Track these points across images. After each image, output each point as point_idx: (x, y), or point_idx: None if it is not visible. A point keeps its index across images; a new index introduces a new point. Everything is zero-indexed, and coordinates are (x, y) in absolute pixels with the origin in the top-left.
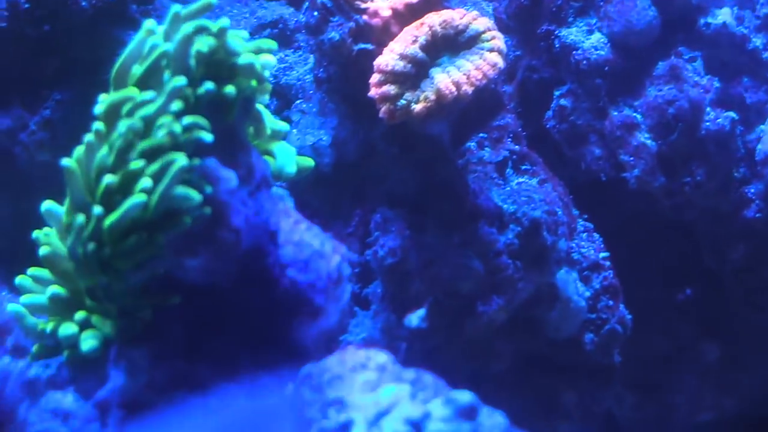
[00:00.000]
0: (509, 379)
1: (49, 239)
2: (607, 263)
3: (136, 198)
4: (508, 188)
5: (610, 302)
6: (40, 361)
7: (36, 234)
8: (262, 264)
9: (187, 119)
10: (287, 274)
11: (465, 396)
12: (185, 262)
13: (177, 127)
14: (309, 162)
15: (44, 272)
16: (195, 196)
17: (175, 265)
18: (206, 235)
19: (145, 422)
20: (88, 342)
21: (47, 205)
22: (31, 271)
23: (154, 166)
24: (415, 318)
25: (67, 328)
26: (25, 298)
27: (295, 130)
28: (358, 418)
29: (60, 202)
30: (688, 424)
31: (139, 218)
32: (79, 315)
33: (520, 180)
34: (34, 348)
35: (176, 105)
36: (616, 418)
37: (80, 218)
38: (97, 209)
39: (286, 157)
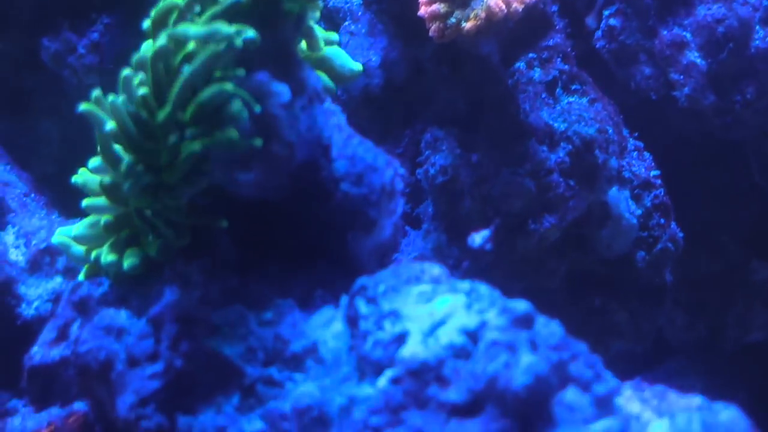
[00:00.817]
0: (561, 297)
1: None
2: (658, 182)
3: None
4: (559, 107)
5: (662, 220)
6: (92, 279)
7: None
8: (315, 178)
9: (235, 26)
10: (340, 188)
11: (521, 305)
12: (238, 176)
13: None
14: (358, 66)
15: (99, 200)
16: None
17: (228, 180)
18: (259, 149)
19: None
20: (131, 260)
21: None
22: (86, 201)
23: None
24: (478, 238)
25: (109, 257)
26: (74, 229)
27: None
28: (413, 329)
29: None
30: (738, 344)
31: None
32: (125, 233)
33: (570, 99)
34: (85, 267)
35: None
36: (667, 338)
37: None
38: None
39: (344, 58)
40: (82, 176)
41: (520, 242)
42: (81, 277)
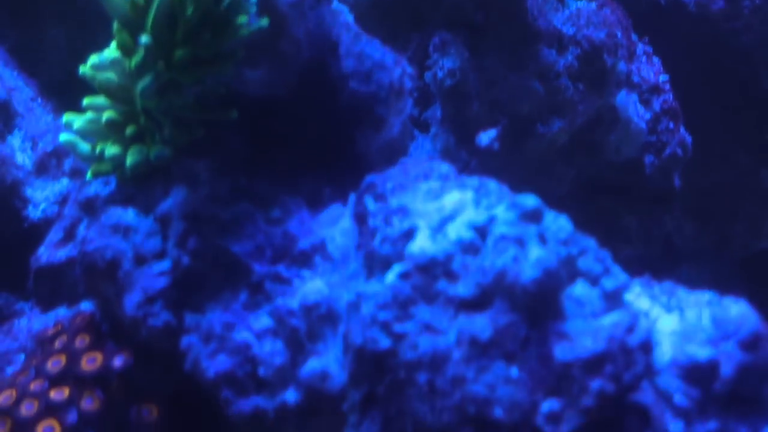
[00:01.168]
0: (570, 201)
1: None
2: (667, 86)
3: None
4: (567, 12)
5: (671, 125)
6: (99, 179)
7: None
8: (323, 75)
9: None
10: (349, 86)
11: (530, 200)
12: (246, 73)
13: None
14: None
15: (98, 99)
16: None
17: (235, 77)
18: (267, 46)
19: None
20: (133, 158)
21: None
22: (87, 100)
23: None
24: (485, 137)
25: (113, 149)
26: (75, 123)
27: None
28: (421, 225)
29: (110, 31)
30: (746, 251)
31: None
32: (131, 129)
33: (579, 4)
34: (92, 167)
35: None
36: (676, 245)
37: (144, 38)
38: None
39: None
40: (90, 69)
41: (528, 145)
42: (88, 177)
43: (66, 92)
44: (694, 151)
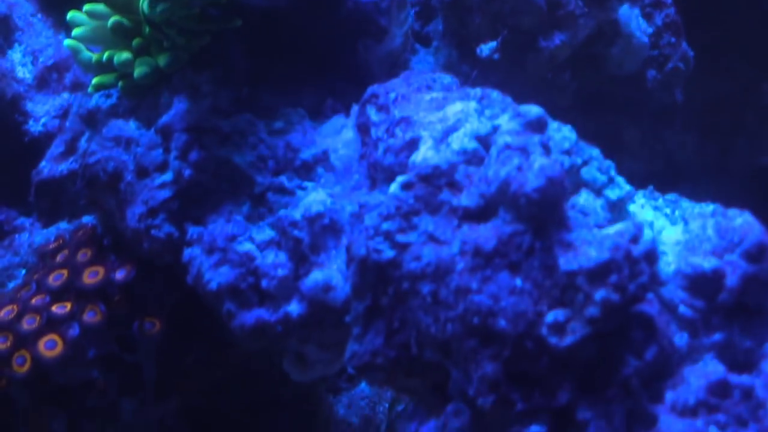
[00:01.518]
0: (572, 116)
1: None
2: (669, 0)
3: None
4: None
5: (672, 39)
6: (100, 92)
7: None
8: None
9: None
10: None
11: (534, 109)
12: None
13: None
14: None
15: (99, 6)
16: None
17: None
18: None
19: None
20: (141, 68)
21: None
22: (87, 6)
23: None
24: (486, 48)
25: (123, 55)
26: (78, 31)
27: None
28: (425, 136)
29: None
30: (748, 166)
31: None
32: (137, 42)
33: None
34: (94, 80)
35: None
36: (677, 162)
37: None
38: None
39: None
40: None
41: (529, 60)
42: (90, 89)
43: (66, 8)
44: (697, 65)
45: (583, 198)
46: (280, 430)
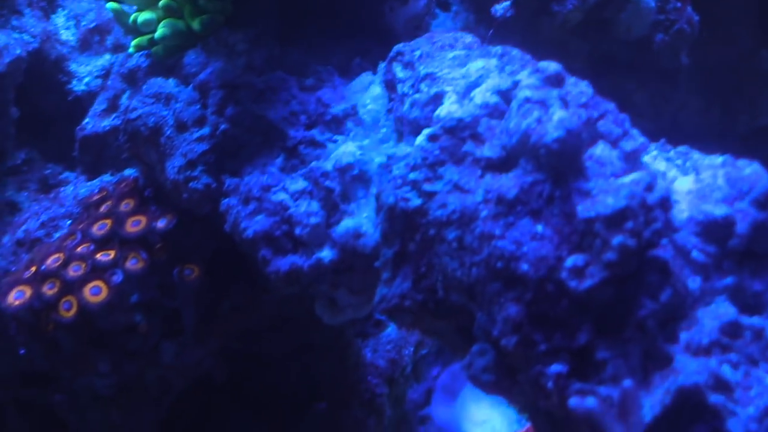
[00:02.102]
0: (584, 77)
1: None
2: None
3: None
4: None
5: (678, 4)
6: (140, 52)
7: None
8: None
9: None
10: None
11: (552, 65)
12: None
13: None
14: None
15: None
16: None
17: None
18: None
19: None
20: (163, 30)
21: None
22: None
23: None
24: (500, 8)
25: (145, 15)
26: None
27: None
28: (448, 91)
29: None
30: (750, 128)
31: None
32: (164, 2)
33: None
34: (134, 41)
35: None
36: (682, 123)
37: None
38: None
39: None
40: None
41: (544, 23)
42: (130, 50)
43: None
44: (700, 31)
45: (600, 149)
46: (311, 372)
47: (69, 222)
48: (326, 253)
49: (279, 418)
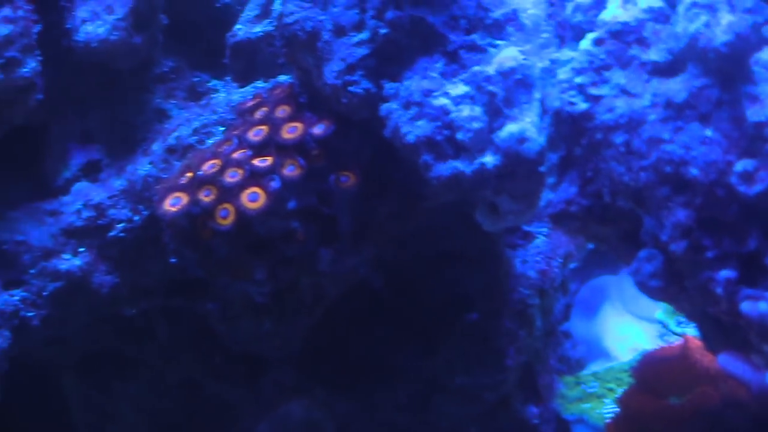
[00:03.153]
0: None
1: None
2: None
3: None
4: None
5: None
6: None
7: None
8: None
9: None
10: None
11: None
12: None
13: None
14: None
15: None
16: None
17: None
18: None
19: None
20: None
21: None
22: None
23: None
24: None
25: None
26: None
27: None
28: None
29: None
30: None
31: None
32: None
33: None
34: None
35: None
36: None
37: None
38: None
39: None
40: None
41: None
42: None
43: None
44: None
45: (766, 54)
46: (463, 282)
47: (222, 129)
48: (489, 159)
49: (428, 328)
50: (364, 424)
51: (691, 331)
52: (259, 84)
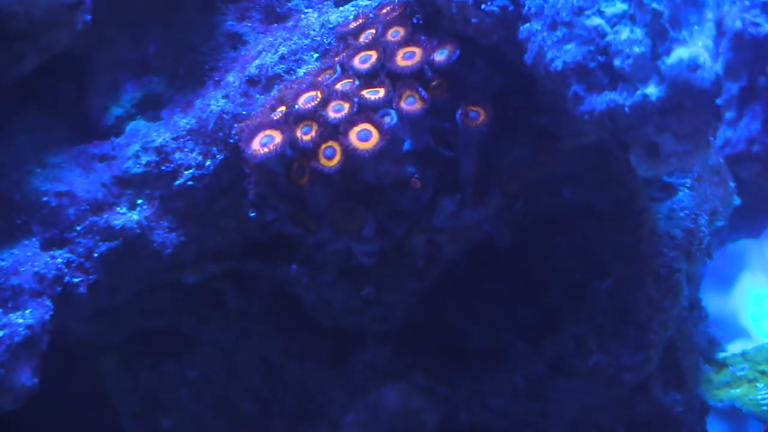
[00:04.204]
0: None
1: None
2: None
3: None
4: None
5: None
6: None
7: None
8: None
9: None
10: None
11: None
12: None
13: None
14: None
15: None
16: None
17: None
18: None
19: None
20: None
21: None
22: None
23: None
24: None
25: None
26: None
27: None
28: None
29: None
30: None
31: None
32: None
33: None
34: None
35: None
36: None
37: None
38: None
39: None
40: None
41: None
42: None
43: None
44: None
45: None
46: (596, 242)
47: (316, 55)
48: (652, 89)
49: (553, 296)
50: (473, 415)
51: None
52: (362, 2)
